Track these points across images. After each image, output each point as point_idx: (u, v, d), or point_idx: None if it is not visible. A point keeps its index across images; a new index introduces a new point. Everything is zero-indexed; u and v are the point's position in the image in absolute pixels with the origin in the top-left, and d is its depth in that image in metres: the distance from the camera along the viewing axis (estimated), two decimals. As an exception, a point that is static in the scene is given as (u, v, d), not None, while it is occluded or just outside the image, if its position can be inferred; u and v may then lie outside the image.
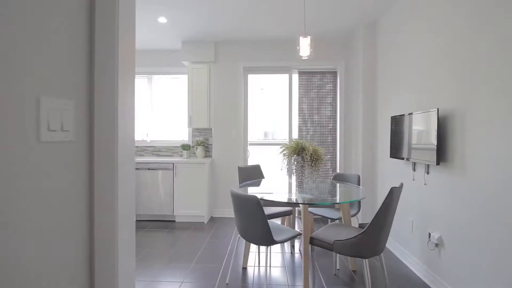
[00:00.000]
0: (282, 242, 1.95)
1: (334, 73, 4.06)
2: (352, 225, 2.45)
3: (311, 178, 2.52)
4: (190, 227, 3.66)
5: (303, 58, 2.40)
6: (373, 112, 3.40)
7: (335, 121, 4.07)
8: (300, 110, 4.09)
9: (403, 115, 2.54)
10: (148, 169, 3.85)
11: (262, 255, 2.76)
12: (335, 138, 4.07)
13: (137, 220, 3.92)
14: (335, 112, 4.07)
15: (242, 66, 4.05)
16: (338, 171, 4.03)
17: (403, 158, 2.52)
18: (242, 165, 3.12)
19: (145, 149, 4.50)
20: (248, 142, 4.22)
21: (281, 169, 2.46)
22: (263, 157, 4.28)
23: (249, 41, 4.01)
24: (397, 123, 2.65)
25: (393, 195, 1.77)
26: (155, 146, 4.49)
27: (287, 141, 4.10)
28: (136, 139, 4.56)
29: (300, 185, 2.48)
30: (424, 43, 2.33)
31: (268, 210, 2.72)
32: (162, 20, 3.26)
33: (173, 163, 3.81)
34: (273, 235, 2.02)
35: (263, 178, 3.20)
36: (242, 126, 4.09)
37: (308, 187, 2.53)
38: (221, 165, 4.13)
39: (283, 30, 3.60)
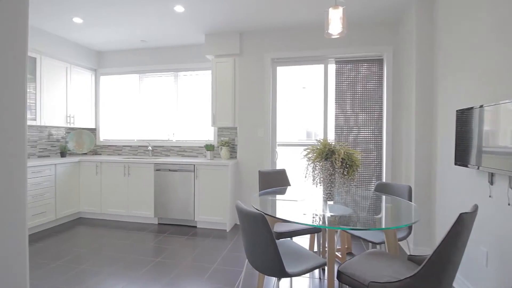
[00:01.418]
0: (297, 275, 1.48)
1: (379, 61, 3.40)
2: (400, 253, 1.86)
3: (346, 189, 2.00)
4: (210, 234, 3.36)
5: (333, 36, 1.89)
6: (430, 106, 2.69)
7: (380, 119, 3.40)
8: (338, 106, 3.51)
9: (472, 108, 1.86)
10: (170, 170, 3.65)
11: (282, 284, 2.30)
12: (380, 140, 3.40)
13: (158, 224, 3.75)
14: (381, 108, 3.40)
15: (270, 57, 3.62)
16: (384, 180, 3.36)
17: (474, 166, 1.84)
18: (264, 169, 2.70)
19: (170, 149, 4.35)
20: (277, 143, 3.77)
21: (305, 177, 1.98)
22: (294, 160, 3.79)
23: (277, 29, 3.57)
24: (465, 118, 1.97)
25: (463, 224, 1.19)
26: (180, 146, 4.30)
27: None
28: (161, 138, 4.45)
29: (329, 198, 1.97)
30: (501, 13, 1.64)
31: (291, 225, 2.25)
32: (179, 8, 3.00)
33: (194, 165, 3.55)
34: (287, 264, 1.56)
35: (289, 185, 2.74)
36: (270, 124, 3.66)
37: (340, 200, 2.01)
38: (247, 168, 3.75)
39: (316, 13, 3.09)
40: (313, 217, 1.67)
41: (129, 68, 4.51)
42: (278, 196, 2.20)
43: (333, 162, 1.81)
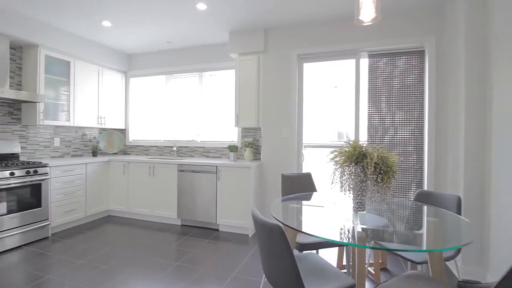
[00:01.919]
0: (320, 298, 1.27)
1: (419, 53, 3.03)
2: (446, 276, 1.56)
3: (380, 198, 1.74)
4: (232, 239, 3.23)
5: (365, 23, 1.65)
6: (483, 101, 2.30)
7: (421, 118, 3.03)
8: (371, 104, 3.20)
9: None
10: (192, 171, 3.59)
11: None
12: (421, 141, 3.03)
13: (181, 225, 3.71)
14: (422, 105, 3.03)
15: (296, 54, 3.41)
16: (425, 187, 2.98)
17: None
18: (287, 173, 2.50)
19: (195, 150, 4.31)
20: (303, 144, 3.54)
21: (332, 184, 1.75)
22: (323, 163, 3.53)
23: (303, 23, 3.34)
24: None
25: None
26: (204, 147, 4.25)
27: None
28: (186, 139, 4.43)
29: (359, 208, 1.72)
30: None
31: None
32: (201, 6, 2.91)
33: (217, 166, 3.45)
34: (308, 282, 1.36)
35: (315, 191, 2.51)
36: (295, 124, 3.45)
37: (373, 209, 1.75)
38: (271, 170, 3.57)
39: (346, 3, 2.82)
40: (341, 230, 1.45)
41: (156, 69, 4.57)
42: (301, 203, 2.00)
43: (364, 167, 1.57)
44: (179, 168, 3.66)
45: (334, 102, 3.53)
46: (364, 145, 1.73)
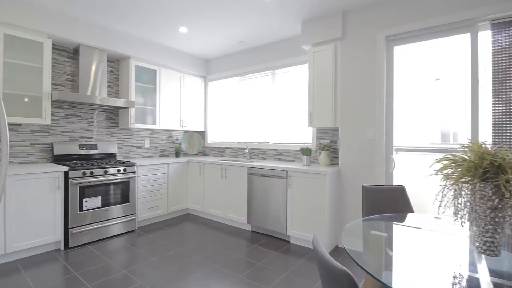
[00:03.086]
0: None
1: None
2: None
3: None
4: (305, 254, 2.85)
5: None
6: None
7: None
8: (496, 93, 2.30)
9: None
10: (262, 175, 3.37)
11: None
12: None
13: (252, 231, 3.54)
14: None
15: (384, 35, 2.78)
16: None
17: None
18: (370, 184, 1.97)
19: (267, 153, 4.10)
20: (394, 147, 2.86)
21: (440, 207, 1.20)
22: (422, 173, 2.78)
23: (395, -4, 2.69)
24: None
25: None
26: (276, 150, 3.99)
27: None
28: (258, 141, 4.27)
29: (489, 250, 1.11)
30: None
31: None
32: (268, -5, 2.66)
33: (287, 171, 3.13)
34: None
35: (411, 212, 1.90)
36: (383, 123, 2.81)
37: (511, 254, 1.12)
38: (350, 178, 3.02)
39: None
40: (456, 282, 0.92)
41: (231, 71, 4.58)
42: (390, 230, 1.49)
43: (500, 186, 0.98)
44: (249, 171, 3.50)
45: (435, 95, 2.73)
46: (493, 149, 1.12)
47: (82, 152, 3.50)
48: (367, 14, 2.88)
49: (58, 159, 3.31)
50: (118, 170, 3.36)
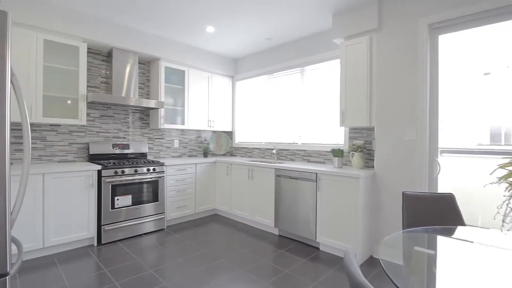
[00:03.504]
0: None
1: None
2: None
3: None
4: (335, 263, 2.65)
5: None
6: None
7: None
8: None
9: None
10: (290, 177, 3.22)
11: None
12: None
13: (279, 235, 3.40)
14: None
15: (427, 23, 2.48)
16: None
17: None
18: (412, 192, 1.74)
19: (295, 153, 3.94)
20: (439, 149, 2.55)
21: (504, 222, 0.98)
22: (473, 178, 2.44)
23: (441, -22, 2.39)
24: None
25: None
26: (305, 150, 3.81)
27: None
28: (287, 141, 4.11)
29: None
30: None
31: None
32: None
33: (316, 173, 2.95)
34: None
35: (461, 224, 1.63)
36: (426, 122, 2.52)
37: None
38: (388, 183, 2.76)
39: None
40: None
41: (258, 70, 4.48)
42: (435, 246, 1.27)
43: None
44: (276, 173, 3.37)
45: (484, 90, 2.38)
46: None
47: (116, 151, 3.63)
48: (407, 0, 2.60)
49: (94, 158, 3.45)
50: (148, 170, 3.42)
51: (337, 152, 3.08)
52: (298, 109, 3.95)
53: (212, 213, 4.33)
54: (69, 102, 3.13)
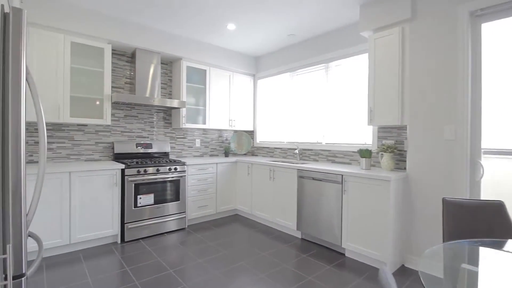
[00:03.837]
0: None
1: None
2: None
3: None
4: (362, 271, 2.48)
5: None
6: None
7: None
8: None
9: None
10: (313, 179, 3.07)
11: None
12: None
13: (301, 239, 3.27)
14: None
15: (468, 10, 2.23)
16: None
17: None
18: (453, 198, 1.54)
19: (319, 154, 3.77)
20: (482, 150, 2.29)
21: None
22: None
23: (487, -41, 2.13)
24: None
25: None
26: (330, 150, 3.64)
27: None
28: (310, 141, 3.96)
29: None
30: None
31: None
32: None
33: (342, 175, 2.78)
34: None
35: (513, 233, 1.42)
36: (467, 120, 2.27)
37: None
38: (422, 188, 2.53)
39: None
40: None
41: (281, 67, 4.36)
42: (484, 260, 1.10)
43: None
44: (299, 173, 3.23)
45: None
46: None
47: (139, 151, 3.68)
48: (446, -14, 2.36)
49: (118, 157, 3.52)
50: (170, 169, 3.43)
51: (365, 153, 2.89)
52: (322, 107, 3.78)
53: (233, 213, 4.27)
54: (97, 103, 3.21)
